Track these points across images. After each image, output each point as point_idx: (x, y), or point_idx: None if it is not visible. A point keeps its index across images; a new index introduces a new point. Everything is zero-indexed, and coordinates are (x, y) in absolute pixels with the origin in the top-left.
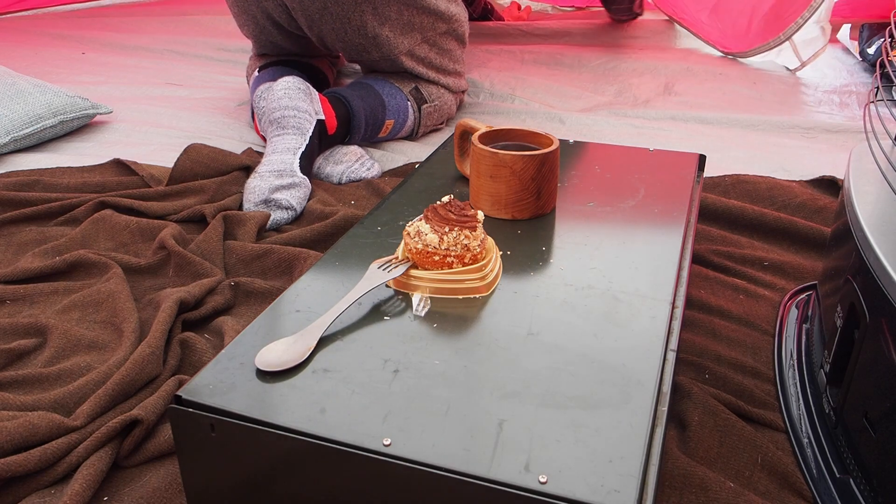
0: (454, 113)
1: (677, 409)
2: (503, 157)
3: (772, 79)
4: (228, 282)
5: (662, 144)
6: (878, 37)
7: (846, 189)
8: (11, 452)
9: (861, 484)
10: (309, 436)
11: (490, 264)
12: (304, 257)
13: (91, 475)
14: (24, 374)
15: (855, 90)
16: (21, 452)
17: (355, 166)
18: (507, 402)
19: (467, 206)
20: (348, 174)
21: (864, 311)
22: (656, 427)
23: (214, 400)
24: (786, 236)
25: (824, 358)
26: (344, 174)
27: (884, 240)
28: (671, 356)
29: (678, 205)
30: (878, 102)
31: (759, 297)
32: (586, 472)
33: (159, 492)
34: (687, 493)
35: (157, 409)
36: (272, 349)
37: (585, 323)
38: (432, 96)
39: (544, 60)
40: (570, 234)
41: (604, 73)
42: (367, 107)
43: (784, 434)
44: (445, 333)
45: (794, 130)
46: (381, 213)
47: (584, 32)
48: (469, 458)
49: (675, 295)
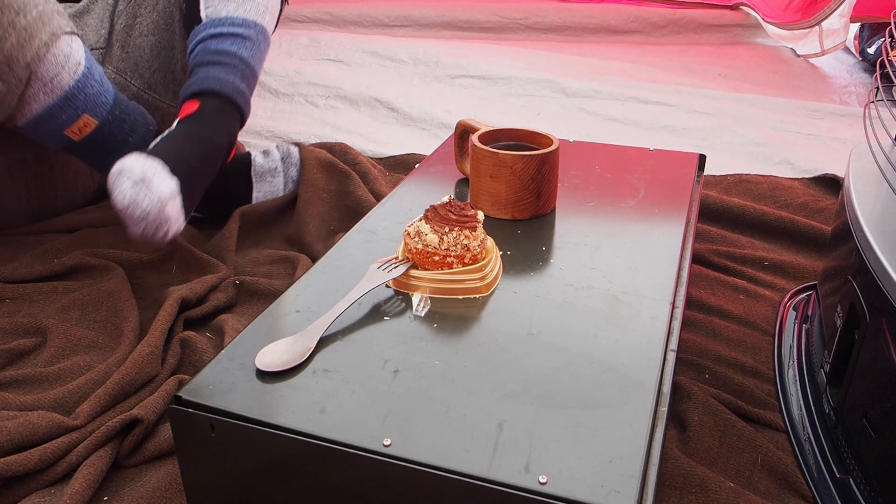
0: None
1: (677, 409)
2: (503, 157)
3: (772, 79)
4: (233, 280)
5: (668, 121)
6: (878, 37)
7: (846, 189)
8: (11, 452)
9: (861, 484)
10: (309, 436)
11: (490, 264)
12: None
13: (91, 475)
14: (23, 374)
15: (855, 90)
16: (21, 452)
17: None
18: (507, 402)
19: (467, 206)
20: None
21: (864, 311)
22: (656, 427)
23: (214, 400)
24: (786, 236)
25: (824, 358)
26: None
27: (884, 240)
28: (671, 356)
29: (678, 205)
30: (878, 102)
31: (759, 297)
32: (586, 473)
33: (159, 492)
34: (687, 493)
35: (156, 409)
36: (272, 349)
37: (585, 323)
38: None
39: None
40: (570, 234)
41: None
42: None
43: (784, 434)
44: (445, 333)
45: (793, 132)
46: (381, 213)
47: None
48: (469, 458)
49: (675, 295)
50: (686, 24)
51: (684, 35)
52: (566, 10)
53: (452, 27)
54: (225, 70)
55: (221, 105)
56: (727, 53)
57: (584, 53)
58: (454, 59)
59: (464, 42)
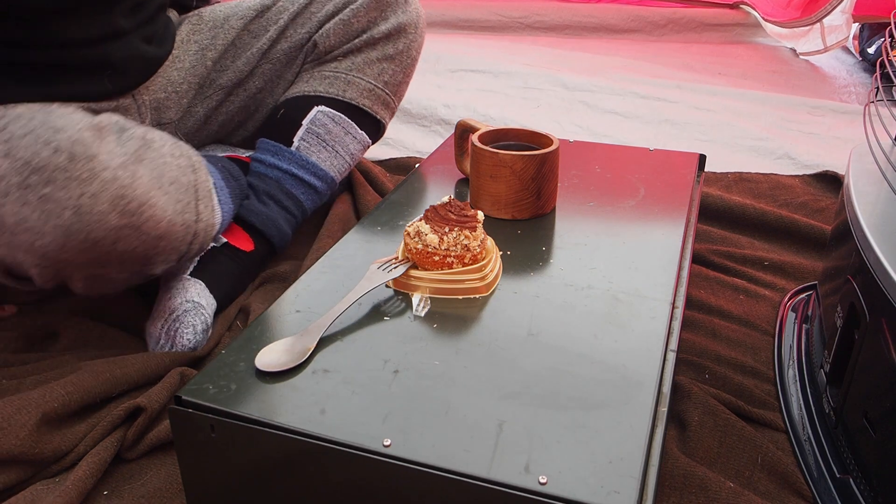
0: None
1: (677, 409)
2: (503, 157)
3: (772, 78)
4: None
5: (668, 117)
6: (878, 36)
7: (846, 188)
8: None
9: (861, 484)
10: (309, 436)
11: (490, 264)
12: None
13: (95, 464)
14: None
15: (855, 90)
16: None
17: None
18: (507, 402)
19: (467, 206)
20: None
21: (864, 311)
22: (656, 427)
23: (214, 400)
24: (786, 236)
25: (824, 358)
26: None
27: (884, 240)
28: (671, 356)
29: (678, 205)
30: (878, 102)
31: (759, 297)
32: (586, 473)
33: (160, 492)
34: (687, 494)
35: (160, 399)
36: (272, 350)
37: (585, 323)
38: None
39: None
40: (570, 234)
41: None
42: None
43: (784, 434)
44: (445, 333)
45: (792, 134)
46: (381, 213)
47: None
48: (469, 458)
49: (675, 295)
50: (686, 22)
51: (684, 34)
52: (566, 8)
53: (452, 26)
54: (288, 221)
55: (269, 254)
56: (727, 52)
57: (585, 51)
58: (453, 55)
59: (464, 39)
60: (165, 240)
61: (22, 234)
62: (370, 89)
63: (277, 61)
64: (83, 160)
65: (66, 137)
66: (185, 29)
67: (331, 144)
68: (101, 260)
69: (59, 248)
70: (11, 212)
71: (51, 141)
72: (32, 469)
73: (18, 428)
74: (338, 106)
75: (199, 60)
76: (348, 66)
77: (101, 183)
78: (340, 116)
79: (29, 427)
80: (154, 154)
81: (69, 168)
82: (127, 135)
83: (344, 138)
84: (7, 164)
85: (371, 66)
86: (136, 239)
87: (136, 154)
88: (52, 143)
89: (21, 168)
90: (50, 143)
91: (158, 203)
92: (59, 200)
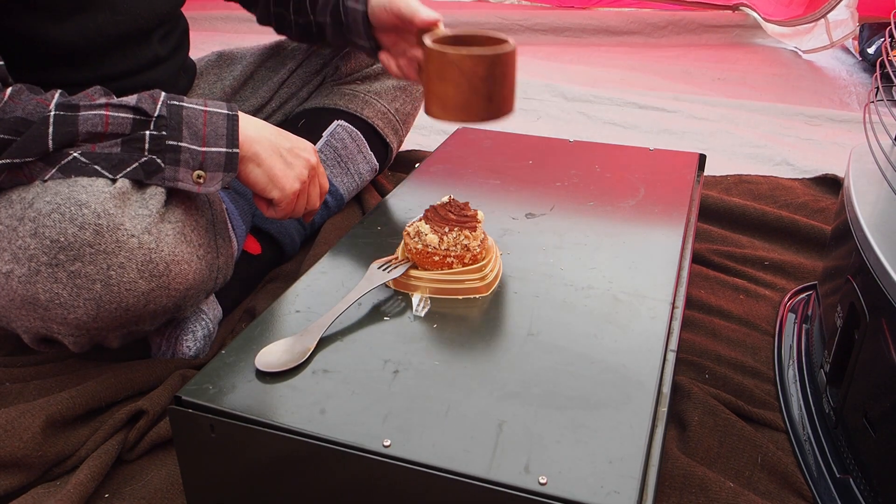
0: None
1: (677, 409)
2: (451, 57)
3: (771, 80)
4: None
5: (667, 128)
6: (878, 36)
7: (846, 189)
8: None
9: (861, 484)
10: (309, 436)
11: (490, 264)
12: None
13: (96, 467)
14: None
15: (855, 91)
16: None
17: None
18: (507, 402)
19: (467, 207)
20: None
21: (864, 311)
22: (656, 427)
23: (214, 400)
24: (786, 236)
25: (824, 358)
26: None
27: (884, 240)
28: (671, 356)
29: (678, 204)
30: (878, 102)
31: (759, 297)
32: (586, 473)
33: (160, 492)
34: (687, 494)
35: (162, 402)
36: (272, 350)
37: (585, 323)
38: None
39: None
40: (570, 234)
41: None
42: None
43: (784, 434)
44: (445, 333)
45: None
46: (381, 213)
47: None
48: (469, 458)
49: (675, 295)
50: (686, 25)
51: (684, 36)
52: (566, 12)
53: (452, 28)
54: (299, 232)
55: (277, 259)
56: (727, 56)
57: (584, 56)
58: None
59: None
60: (194, 288)
61: (55, 309)
62: (384, 112)
63: (294, 84)
64: (109, 232)
65: (90, 212)
66: (200, 64)
67: (345, 162)
68: (134, 320)
69: (91, 319)
70: (43, 289)
71: (76, 217)
72: (35, 473)
73: (22, 431)
74: (355, 122)
75: (219, 89)
76: (366, 88)
77: (127, 252)
78: (357, 133)
79: (33, 431)
80: (175, 202)
81: (95, 243)
82: (149, 192)
83: (356, 157)
84: (35, 243)
85: (387, 92)
86: (166, 296)
87: (160, 212)
88: (78, 219)
89: (49, 247)
90: (75, 220)
91: (184, 257)
92: (88, 275)
